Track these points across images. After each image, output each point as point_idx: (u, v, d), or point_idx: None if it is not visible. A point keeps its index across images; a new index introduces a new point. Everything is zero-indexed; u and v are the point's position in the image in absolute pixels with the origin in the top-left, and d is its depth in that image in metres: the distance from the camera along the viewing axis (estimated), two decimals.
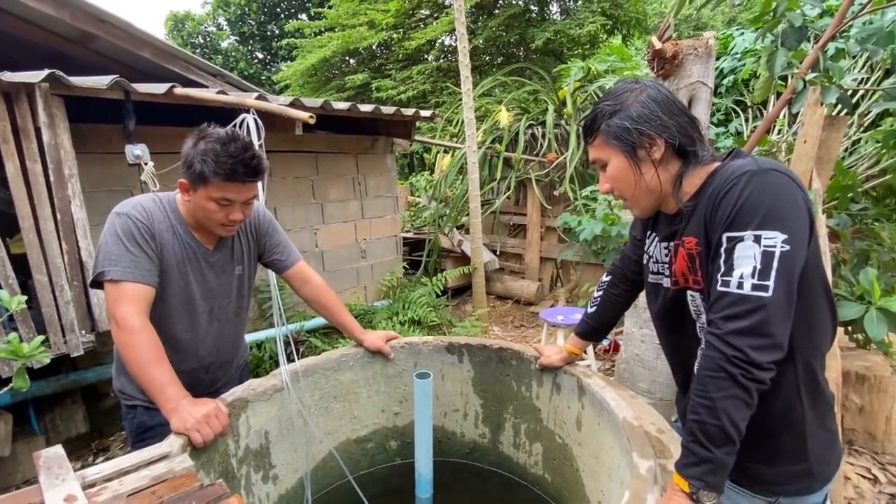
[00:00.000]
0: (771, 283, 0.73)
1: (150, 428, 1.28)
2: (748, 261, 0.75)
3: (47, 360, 1.45)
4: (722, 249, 0.79)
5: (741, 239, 0.76)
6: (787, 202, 0.75)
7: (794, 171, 0.79)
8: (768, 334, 0.73)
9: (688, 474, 0.77)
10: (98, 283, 1.17)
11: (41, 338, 1.48)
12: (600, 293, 1.27)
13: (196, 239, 1.29)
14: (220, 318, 1.37)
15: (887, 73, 2.68)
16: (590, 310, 1.29)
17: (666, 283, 0.98)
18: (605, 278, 1.27)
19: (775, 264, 0.73)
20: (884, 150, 2.49)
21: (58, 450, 0.93)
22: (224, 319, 1.39)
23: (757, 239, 0.75)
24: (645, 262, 1.07)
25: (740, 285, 0.75)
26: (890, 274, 2.27)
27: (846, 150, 2.89)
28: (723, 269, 0.78)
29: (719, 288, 0.78)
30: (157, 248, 1.20)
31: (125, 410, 1.34)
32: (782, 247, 0.73)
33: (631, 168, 0.89)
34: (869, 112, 2.87)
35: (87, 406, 2.63)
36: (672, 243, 0.94)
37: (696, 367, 0.96)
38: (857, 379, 2.29)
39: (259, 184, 1.27)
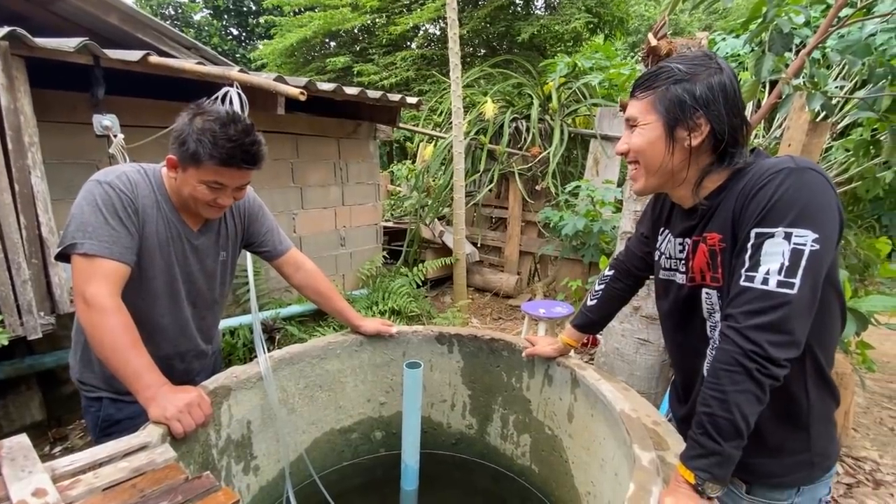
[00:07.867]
0: (797, 280, 0.73)
1: (118, 421, 1.20)
2: (776, 257, 0.74)
3: (5, 342, 1.33)
4: (749, 245, 0.78)
5: (771, 235, 0.75)
6: (822, 202, 0.74)
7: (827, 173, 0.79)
8: (788, 331, 0.73)
9: (694, 466, 0.76)
10: (65, 256, 1.04)
11: None
12: (601, 286, 1.26)
13: (181, 219, 1.20)
14: (199, 304, 1.30)
15: (863, 84, 2.79)
16: (589, 302, 1.28)
17: (680, 279, 0.96)
18: (607, 272, 1.26)
19: (804, 263, 0.72)
20: (853, 159, 2.60)
21: (22, 439, 0.85)
22: (203, 306, 1.31)
23: (787, 236, 0.74)
24: (657, 258, 1.05)
25: (765, 281, 0.74)
26: (854, 276, 2.38)
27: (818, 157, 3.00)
28: (748, 265, 0.77)
29: (742, 283, 0.77)
30: (139, 225, 1.10)
31: (86, 403, 1.23)
32: (812, 246, 0.73)
33: (665, 143, 0.85)
34: (842, 120, 2.99)
35: (44, 393, 2.46)
36: (689, 239, 0.92)
37: (704, 368, 0.94)
38: None
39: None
